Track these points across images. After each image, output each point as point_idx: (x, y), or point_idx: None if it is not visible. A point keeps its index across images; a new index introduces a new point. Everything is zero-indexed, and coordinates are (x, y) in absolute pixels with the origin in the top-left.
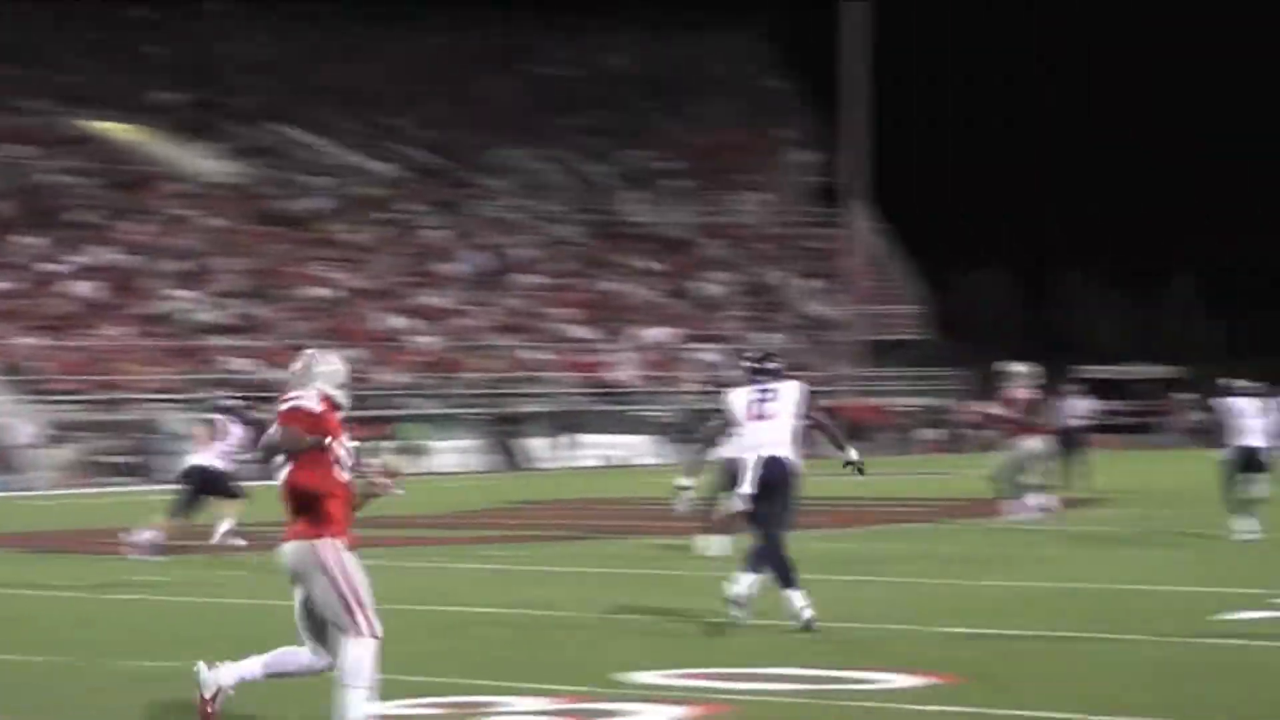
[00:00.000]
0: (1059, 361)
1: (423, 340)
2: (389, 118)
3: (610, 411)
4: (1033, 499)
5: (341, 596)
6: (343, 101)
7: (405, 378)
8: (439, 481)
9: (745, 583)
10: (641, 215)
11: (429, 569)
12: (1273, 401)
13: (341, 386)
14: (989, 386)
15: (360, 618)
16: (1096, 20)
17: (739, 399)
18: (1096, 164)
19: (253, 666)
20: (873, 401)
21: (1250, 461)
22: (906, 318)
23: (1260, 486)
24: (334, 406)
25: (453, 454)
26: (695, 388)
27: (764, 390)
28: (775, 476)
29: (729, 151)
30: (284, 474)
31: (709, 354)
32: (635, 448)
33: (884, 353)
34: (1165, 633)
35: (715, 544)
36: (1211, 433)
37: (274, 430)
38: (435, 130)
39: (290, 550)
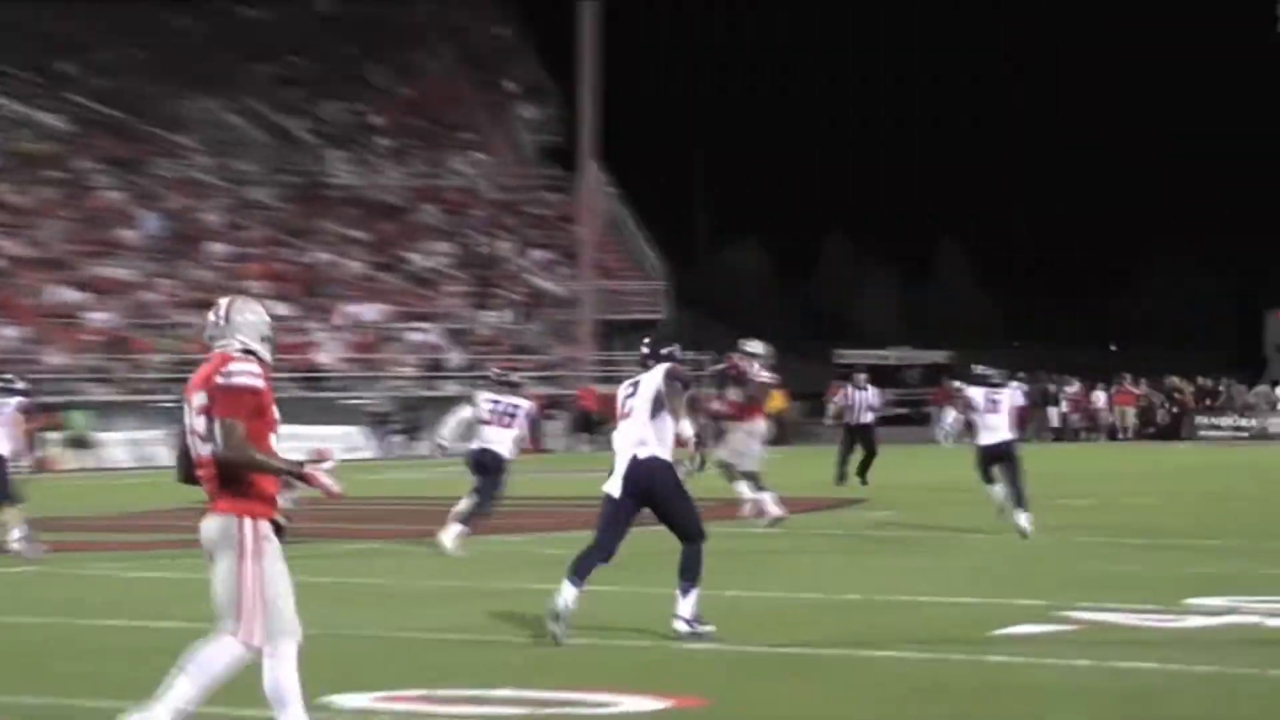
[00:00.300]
0: (821, 345)
1: (97, 317)
2: (59, 63)
3: (312, 399)
4: (754, 492)
5: (242, 588)
6: (6, 45)
7: (77, 359)
8: (113, 478)
9: (688, 601)
10: (347, 177)
11: (101, 578)
12: (1017, 390)
13: (265, 340)
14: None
15: (250, 622)
16: None
17: (620, 392)
18: (861, 127)
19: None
20: (610, 389)
21: (995, 456)
22: (647, 295)
23: (1010, 483)
24: (264, 366)
25: (129, 447)
26: (409, 372)
27: (634, 384)
28: (635, 482)
29: (446, 105)
30: (209, 446)
31: (423, 334)
32: (340, 440)
33: (622, 334)
34: (939, 650)
35: (452, 540)
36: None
37: (234, 435)
38: (112, 78)
39: (214, 524)
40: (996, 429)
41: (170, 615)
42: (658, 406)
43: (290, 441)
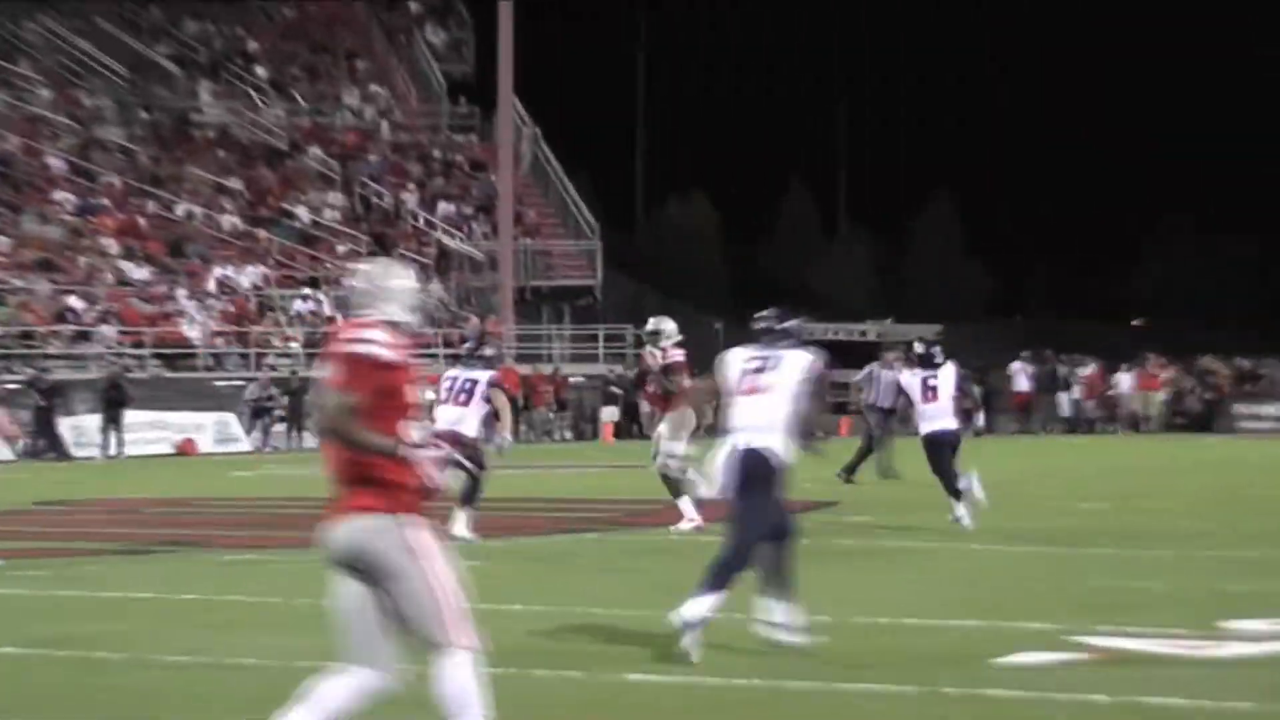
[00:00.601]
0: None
1: None
2: None
3: (176, 380)
4: (686, 498)
5: (434, 595)
6: None
7: None
8: None
9: (702, 602)
10: (217, 113)
11: None
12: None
13: (414, 310)
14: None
15: (458, 623)
16: None
17: (734, 362)
18: (826, 61)
19: None
20: (537, 370)
21: (940, 444)
22: (578, 257)
23: (958, 476)
24: (405, 339)
25: None
26: (293, 348)
27: (768, 358)
28: (750, 473)
29: (337, 29)
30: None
31: (310, 302)
32: (211, 429)
33: (548, 303)
34: (929, 682)
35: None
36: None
37: (336, 405)
38: None
39: (356, 529)
40: (937, 417)
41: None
42: (796, 395)
43: (151, 431)
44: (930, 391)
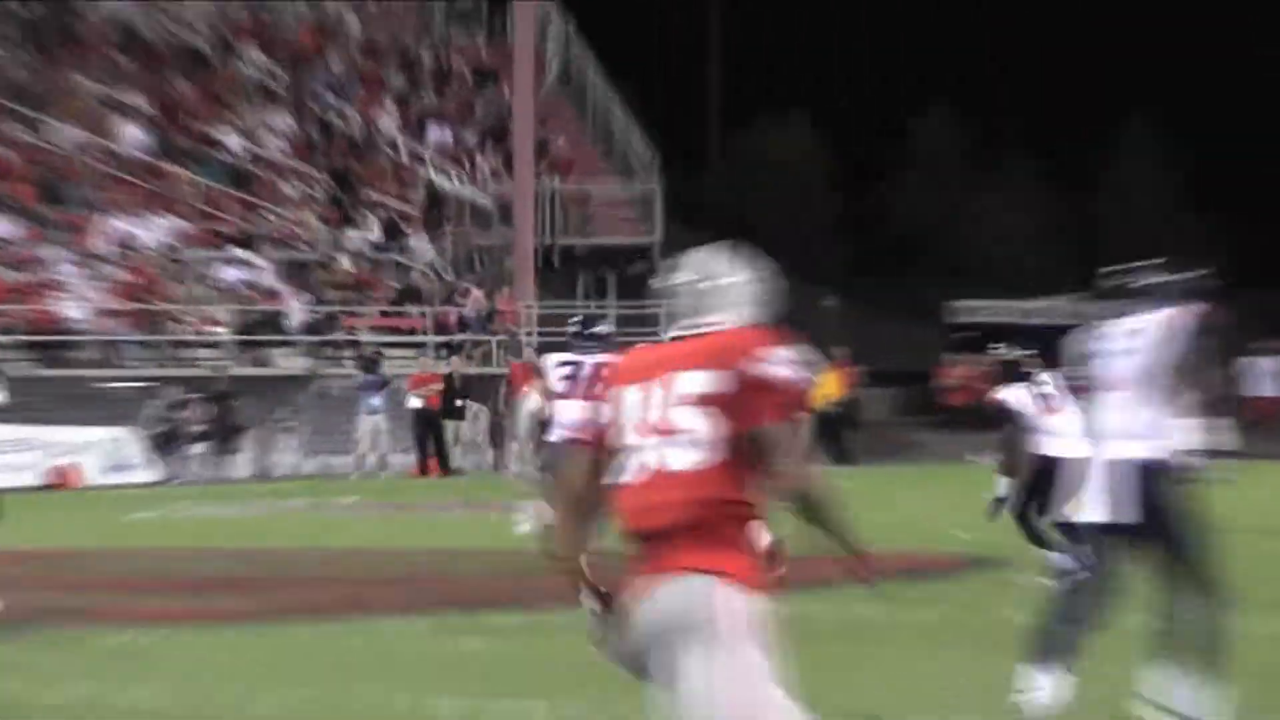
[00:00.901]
0: (916, 290)
1: None
2: None
3: (52, 379)
4: None
5: (715, 698)
6: None
7: None
8: None
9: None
10: (114, 4)
11: None
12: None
13: (757, 310)
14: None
15: None
16: None
17: (1085, 343)
18: None
19: None
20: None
21: (1047, 475)
22: (628, 205)
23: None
24: None
25: None
26: (219, 334)
27: (1130, 329)
28: (1119, 501)
29: None
30: (692, 455)
31: (243, 269)
32: (101, 448)
33: (586, 269)
34: None
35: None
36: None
37: (807, 461)
38: None
39: (687, 591)
40: (1062, 432)
41: None
42: (1171, 373)
43: (15, 454)
44: (1046, 401)
